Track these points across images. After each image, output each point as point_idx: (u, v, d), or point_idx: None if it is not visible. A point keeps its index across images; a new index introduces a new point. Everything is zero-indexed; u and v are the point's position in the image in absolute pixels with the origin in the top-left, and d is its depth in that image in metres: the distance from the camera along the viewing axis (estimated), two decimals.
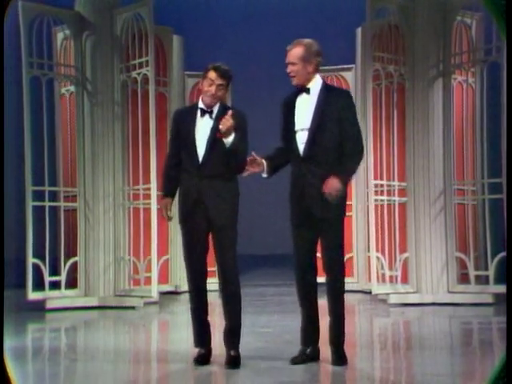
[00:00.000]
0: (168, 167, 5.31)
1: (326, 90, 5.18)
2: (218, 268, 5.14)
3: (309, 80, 5.14)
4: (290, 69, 5.13)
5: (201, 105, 5.18)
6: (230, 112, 5.02)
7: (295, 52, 5.11)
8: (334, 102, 5.10)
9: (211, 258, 5.18)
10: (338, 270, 5.10)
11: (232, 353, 5.11)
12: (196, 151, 5.11)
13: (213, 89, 5.08)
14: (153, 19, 8.70)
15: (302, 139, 5.10)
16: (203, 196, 5.08)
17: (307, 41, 5.15)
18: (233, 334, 5.13)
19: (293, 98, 5.22)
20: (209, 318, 5.26)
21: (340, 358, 5.07)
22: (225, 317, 5.16)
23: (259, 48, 14.47)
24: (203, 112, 5.15)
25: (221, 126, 4.99)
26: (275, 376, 4.83)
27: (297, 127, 5.13)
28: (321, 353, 5.17)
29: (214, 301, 5.60)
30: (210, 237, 5.17)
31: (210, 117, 5.16)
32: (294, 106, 5.18)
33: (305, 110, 5.13)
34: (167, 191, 5.29)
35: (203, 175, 5.08)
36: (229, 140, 5.03)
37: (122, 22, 8.91)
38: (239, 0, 14.86)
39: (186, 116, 5.25)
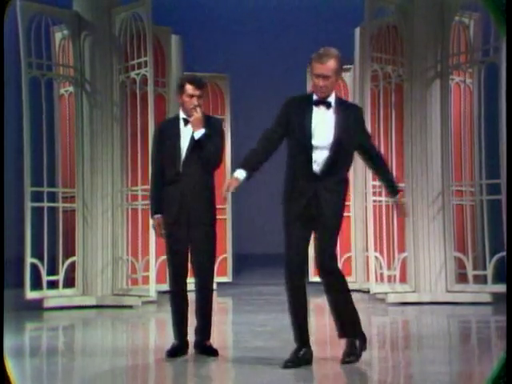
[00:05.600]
0: (157, 186, 5.50)
1: (340, 103, 4.98)
2: (196, 268, 5.47)
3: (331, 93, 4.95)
4: (322, 83, 4.81)
5: (183, 115, 5.47)
6: (198, 108, 5.33)
7: (330, 65, 4.80)
8: (349, 116, 4.93)
9: None
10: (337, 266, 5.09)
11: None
12: (180, 158, 5.36)
13: (194, 101, 5.37)
14: (151, 19, 8.71)
15: (319, 157, 4.85)
16: (187, 203, 5.35)
17: (336, 52, 4.88)
18: (209, 326, 5.52)
19: (306, 108, 4.90)
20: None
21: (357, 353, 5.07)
22: (201, 312, 5.46)
23: (258, 48, 14.49)
24: (186, 122, 5.43)
25: (190, 118, 5.33)
26: (274, 375, 4.83)
27: (314, 142, 4.84)
28: (314, 353, 5.16)
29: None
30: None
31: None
32: (309, 119, 4.88)
33: (325, 125, 4.86)
34: (158, 210, 5.49)
35: (185, 182, 5.34)
36: (198, 133, 5.33)
37: (121, 21, 8.92)
38: (238, 0, 14.88)
39: (170, 128, 5.50)
